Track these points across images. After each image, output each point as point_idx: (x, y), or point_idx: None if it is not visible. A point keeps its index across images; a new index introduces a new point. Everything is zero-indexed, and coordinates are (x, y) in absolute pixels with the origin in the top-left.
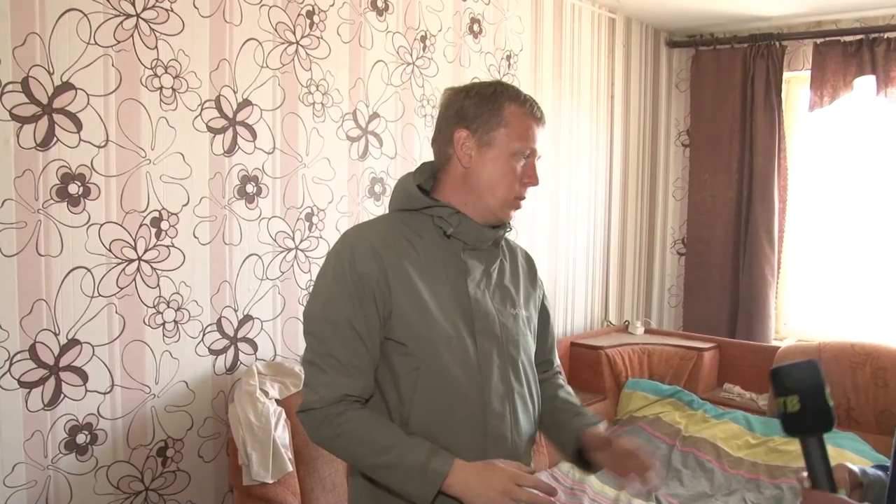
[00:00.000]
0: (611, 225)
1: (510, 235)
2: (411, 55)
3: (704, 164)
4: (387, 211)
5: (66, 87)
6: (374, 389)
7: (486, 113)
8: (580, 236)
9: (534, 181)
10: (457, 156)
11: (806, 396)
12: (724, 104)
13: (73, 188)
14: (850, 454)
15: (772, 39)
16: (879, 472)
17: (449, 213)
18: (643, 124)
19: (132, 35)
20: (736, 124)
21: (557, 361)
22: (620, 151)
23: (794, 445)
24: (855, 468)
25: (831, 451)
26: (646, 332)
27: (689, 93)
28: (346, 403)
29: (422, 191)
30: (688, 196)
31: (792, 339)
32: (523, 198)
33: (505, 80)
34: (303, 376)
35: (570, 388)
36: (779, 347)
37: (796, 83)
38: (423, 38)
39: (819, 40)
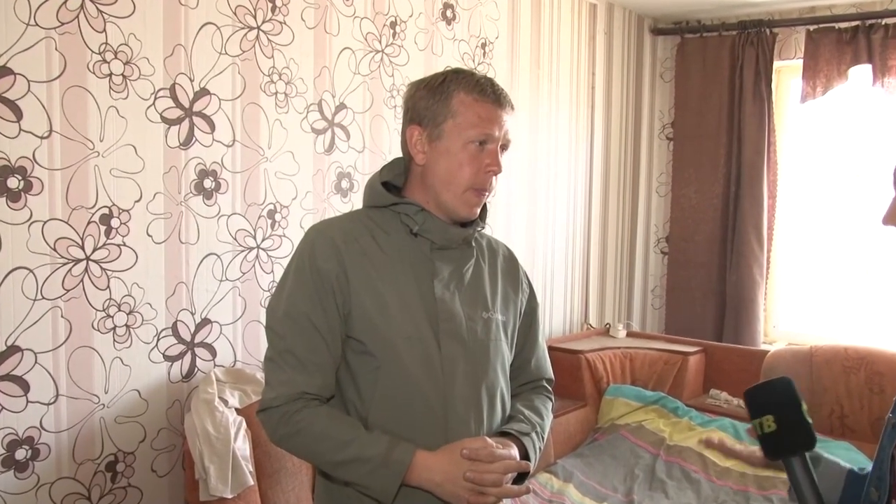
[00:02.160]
0: (591, 222)
1: (490, 233)
2: (380, 42)
3: (689, 159)
4: (355, 207)
5: (5, 71)
6: (334, 388)
7: (434, 105)
8: (559, 234)
9: (494, 168)
10: (412, 154)
11: (781, 415)
12: (711, 95)
13: (13, 182)
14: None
15: (762, 26)
16: (836, 459)
17: (414, 211)
18: (625, 116)
19: (78, 16)
20: (723, 116)
21: (546, 374)
22: (601, 145)
23: None
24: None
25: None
26: (628, 335)
27: (673, 83)
28: (304, 401)
29: (394, 188)
30: (672, 192)
31: (782, 343)
32: (484, 189)
33: (480, 69)
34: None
35: (542, 406)
36: (768, 351)
37: (787, 73)
38: (393, 24)
39: (812, 27)
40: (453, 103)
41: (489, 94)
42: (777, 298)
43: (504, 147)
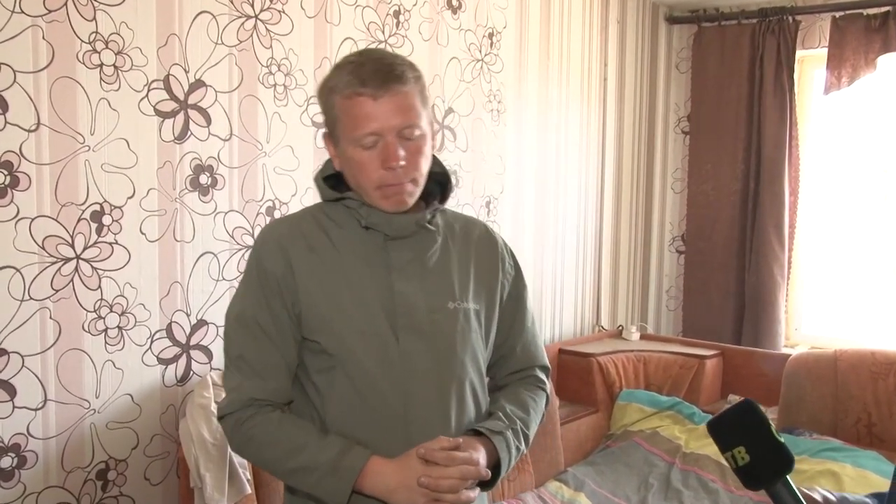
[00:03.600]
0: (603, 220)
1: (498, 230)
2: (383, 32)
3: (707, 154)
4: None
5: None
6: (290, 392)
7: (325, 111)
8: (569, 232)
9: (391, 162)
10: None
11: (751, 444)
12: (730, 87)
13: None
14: (872, 475)
15: (784, 14)
16: (866, 500)
17: (357, 205)
18: (639, 109)
19: (66, 4)
20: (742, 109)
21: (537, 361)
22: (614, 139)
23: (808, 464)
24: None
25: (852, 471)
26: (641, 337)
27: (690, 74)
28: (256, 407)
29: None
30: (688, 188)
31: (804, 346)
32: (397, 184)
33: (487, 60)
34: None
35: (529, 398)
36: (789, 355)
37: (811, 63)
38: (397, 14)
39: (838, 14)
40: (335, 109)
41: (361, 88)
42: (799, 300)
43: (407, 134)
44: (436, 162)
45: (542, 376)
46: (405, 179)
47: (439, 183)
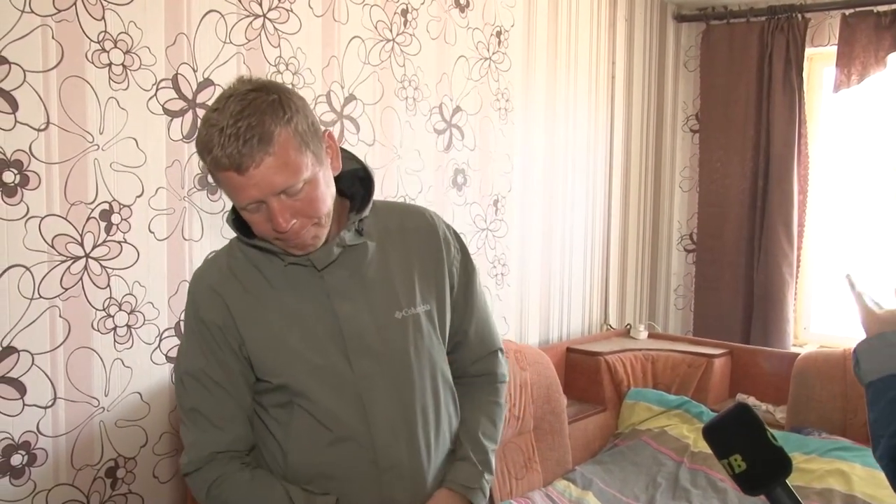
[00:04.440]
0: (611, 219)
1: (505, 230)
2: (391, 31)
3: (715, 152)
4: None
5: None
6: (250, 438)
7: (207, 170)
8: (577, 231)
9: (277, 227)
10: None
11: (747, 450)
12: (738, 85)
13: (9, 176)
14: (883, 475)
15: (793, 11)
16: None
17: (273, 248)
18: (647, 108)
19: (75, 3)
20: (751, 107)
21: (491, 346)
22: (622, 138)
23: (818, 464)
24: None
25: (862, 471)
26: (649, 336)
27: (698, 72)
28: (220, 464)
29: None
30: (697, 187)
31: (813, 345)
32: (290, 238)
33: (495, 58)
34: None
35: (491, 407)
36: (798, 354)
37: (820, 60)
38: (404, 12)
39: (848, 11)
40: (214, 175)
41: (226, 164)
42: (808, 298)
43: (290, 192)
44: (350, 157)
45: (497, 361)
46: (302, 231)
47: (360, 179)
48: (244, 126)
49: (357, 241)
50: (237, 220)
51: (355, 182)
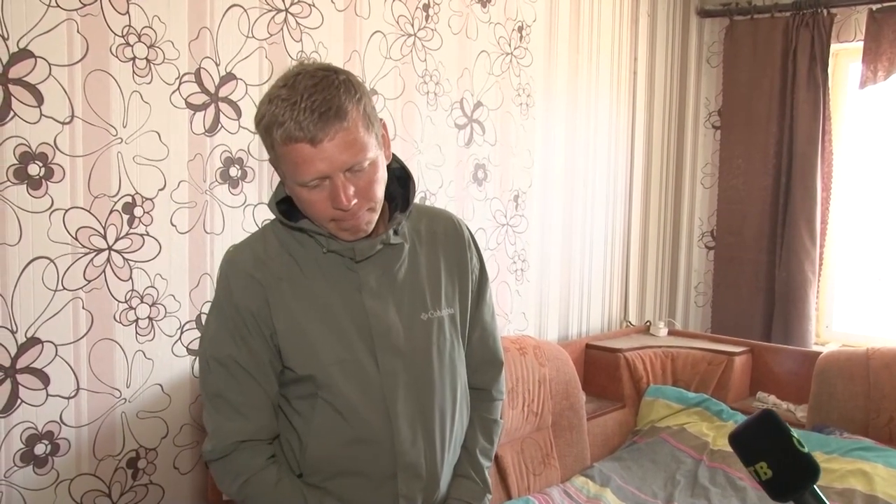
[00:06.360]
0: (631, 215)
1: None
2: (412, 25)
3: (737, 148)
4: None
5: (25, 54)
6: (275, 427)
7: (265, 145)
8: (597, 227)
9: (341, 205)
10: None
11: (773, 458)
12: (762, 81)
13: (34, 169)
14: None
15: (819, 6)
16: None
17: (316, 233)
18: (669, 104)
19: None
20: (774, 103)
21: (495, 356)
22: (643, 134)
23: (839, 464)
24: None
25: (884, 471)
26: (669, 333)
27: (721, 68)
28: (243, 454)
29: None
30: (718, 183)
31: (835, 344)
32: (347, 219)
33: (516, 53)
34: None
35: (490, 426)
36: (819, 353)
37: (846, 56)
38: (426, 7)
39: (875, 6)
40: (276, 151)
41: (300, 136)
42: (830, 297)
43: (355, 169)
44: (393, 159)
45: (497, 387)
46: (360, 212)
47: (398, 178)
48: (319, 100)
49: (396, 242)
50: (280, 205)
51: (393, 181)
